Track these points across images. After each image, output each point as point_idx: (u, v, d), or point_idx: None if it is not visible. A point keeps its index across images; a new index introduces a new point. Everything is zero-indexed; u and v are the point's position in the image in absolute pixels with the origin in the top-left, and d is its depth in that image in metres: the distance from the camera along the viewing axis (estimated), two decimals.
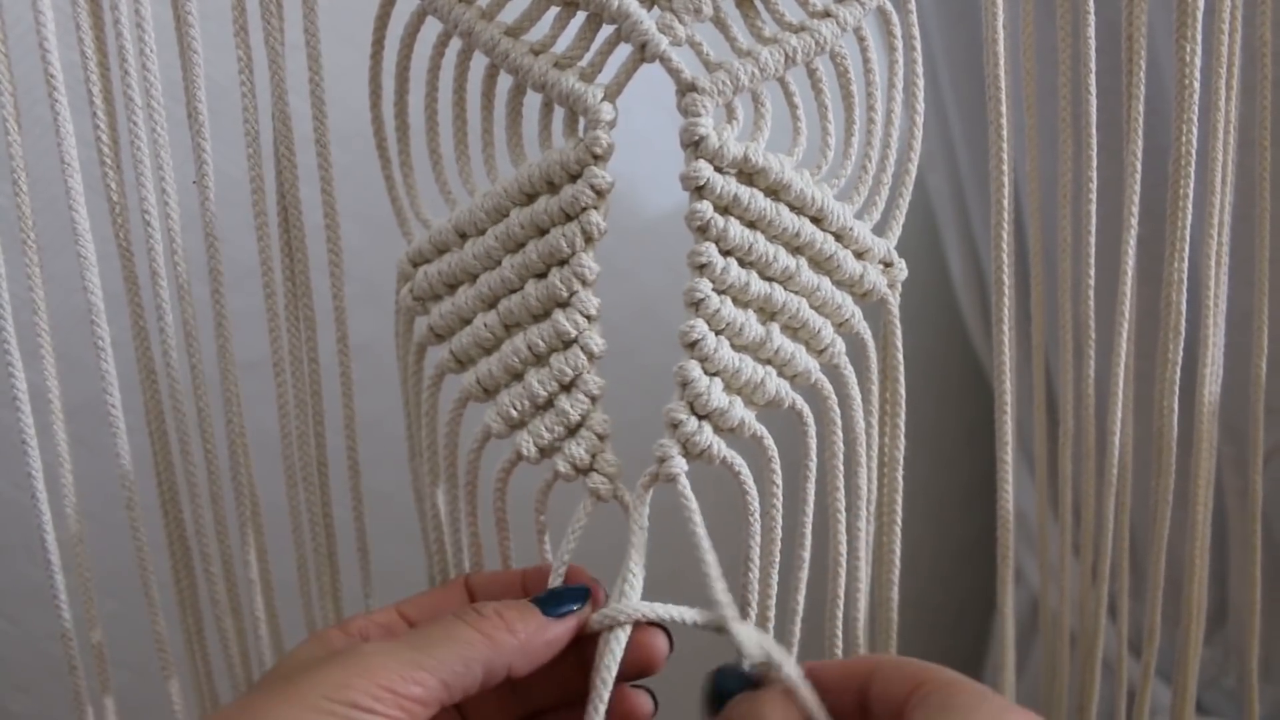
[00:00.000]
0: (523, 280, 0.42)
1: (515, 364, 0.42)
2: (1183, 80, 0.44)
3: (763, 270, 0.41)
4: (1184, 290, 0.47)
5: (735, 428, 0.41)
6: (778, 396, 0.42)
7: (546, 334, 0.41)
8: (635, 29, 0.39)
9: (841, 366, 0.43)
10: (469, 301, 0.43)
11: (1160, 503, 0.50)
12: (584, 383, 0.41)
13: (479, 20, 0.40)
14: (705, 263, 0.40)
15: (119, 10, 0.41)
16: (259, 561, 0.48)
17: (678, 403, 0.41)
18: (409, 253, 0.44)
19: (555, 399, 0.42)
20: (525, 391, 0.41)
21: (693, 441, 0.41)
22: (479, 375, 0.42)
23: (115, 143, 0.43)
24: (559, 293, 0.41)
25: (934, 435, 0.48)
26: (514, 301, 0.42)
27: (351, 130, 0.49)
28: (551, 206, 0.41)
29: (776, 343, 0.42)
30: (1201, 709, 0.76)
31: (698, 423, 0.41)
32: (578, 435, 0.41)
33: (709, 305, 0.41)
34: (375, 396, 0.58)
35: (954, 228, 0.90)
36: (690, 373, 0.41)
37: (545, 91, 0.40)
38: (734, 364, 0.41)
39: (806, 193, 0.41)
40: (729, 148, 0.40)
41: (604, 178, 0.40)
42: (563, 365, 0.41)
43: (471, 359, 0.43)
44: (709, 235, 0.40)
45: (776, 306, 0.42)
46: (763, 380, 0.42)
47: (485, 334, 0.42)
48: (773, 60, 0.40)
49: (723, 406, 0.41)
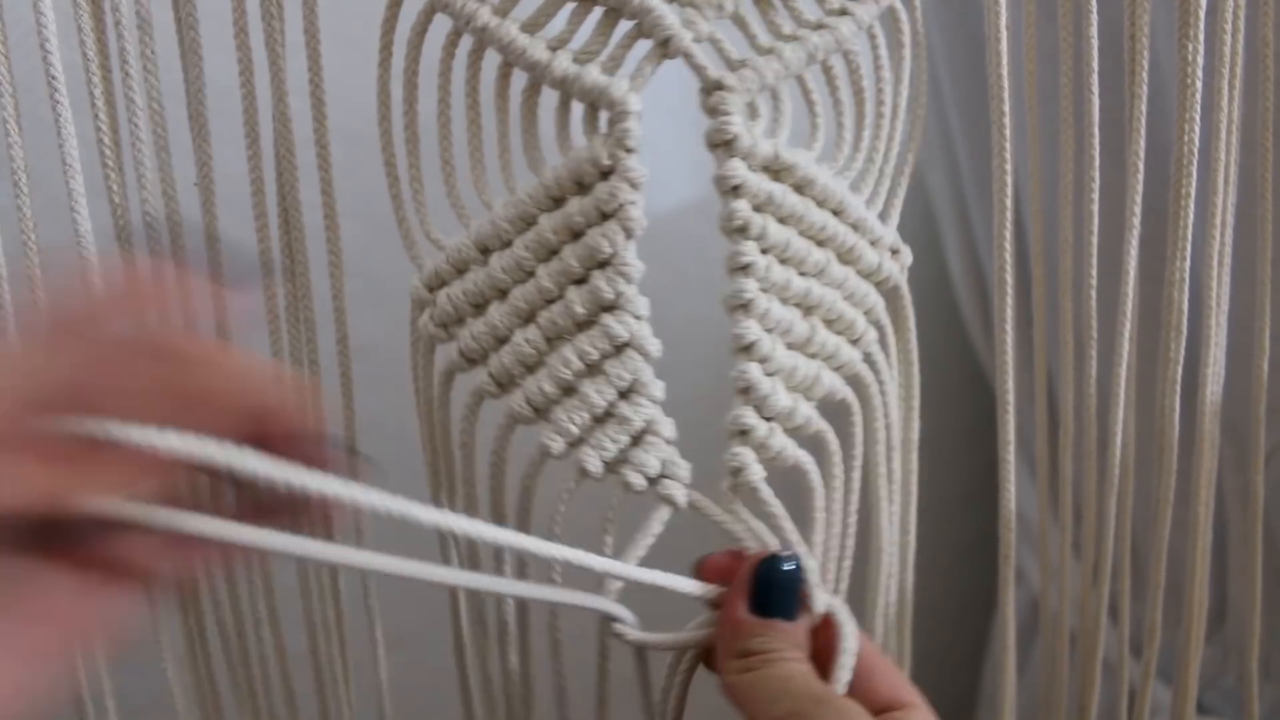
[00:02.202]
0: (561, 288, 0.40)
1: (566, 376, 0.40)
2: (1185, 80, 0.44)
3: (799, 267, 0.41)
4: (1186, 290, 0.47)
5: (801, 426, 0.41)
6: (833, 390, 0.42)
7: (597, 340, 0.39)
8: (658, 24, 0.38)
9: (874, 354, 0.44)
10: (503, 318, 0.40)
11: (1161, 503, 0.50)
12: (643, 386, 0.40)
13: (493, 15, 0.39)
14: (748, 263, 0.39)
15: (120, 11, 0.41)
16: (259, 561, 0.48)
17: (744, 409, 0.40)
18: (424, 277, 0.42)
19: (615, 407, 0.40)
20: (582, 403, 0.39)
21: (766, 446, 0.40)
22: (527, 395, 0.40)
23: (116, 144, 0.43)
24: (604, 295, 0.39)
25: (934, 435, 0.48)
26: (555, 311, 0.40)
27: (352, 130, 0.49)
28: (586, 206, 0.39)
29: (822, 337, 0.41)
30: (1201, 709, 0.76)
31: (768, 426, 0.40)
32: (644, 442, 0.40)
33: (758, 306, 0.40)
34: (375, 396, 0.58)
35: (954, 228, 0.89)
36: (753, 376, 0.40)
37: (564, 88, 0.39)
38: (790, 363, 0.40)
39: (829, 187, 0.41)
40: (760, 146, 0.39)
41: (639, 170, 0.38)
42: (620, 370, 0.39)
43: (514, 379, 0.41)
44: (749, 235, 0.39)
45: (815, 301, 0.41)
46: (819, 375, 0.41)
47: (528, 350, 0.40)
48: (796, 57, 0.40)
49: (789, 407, 0.40)
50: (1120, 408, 0.49)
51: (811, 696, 0.35)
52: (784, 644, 0.37)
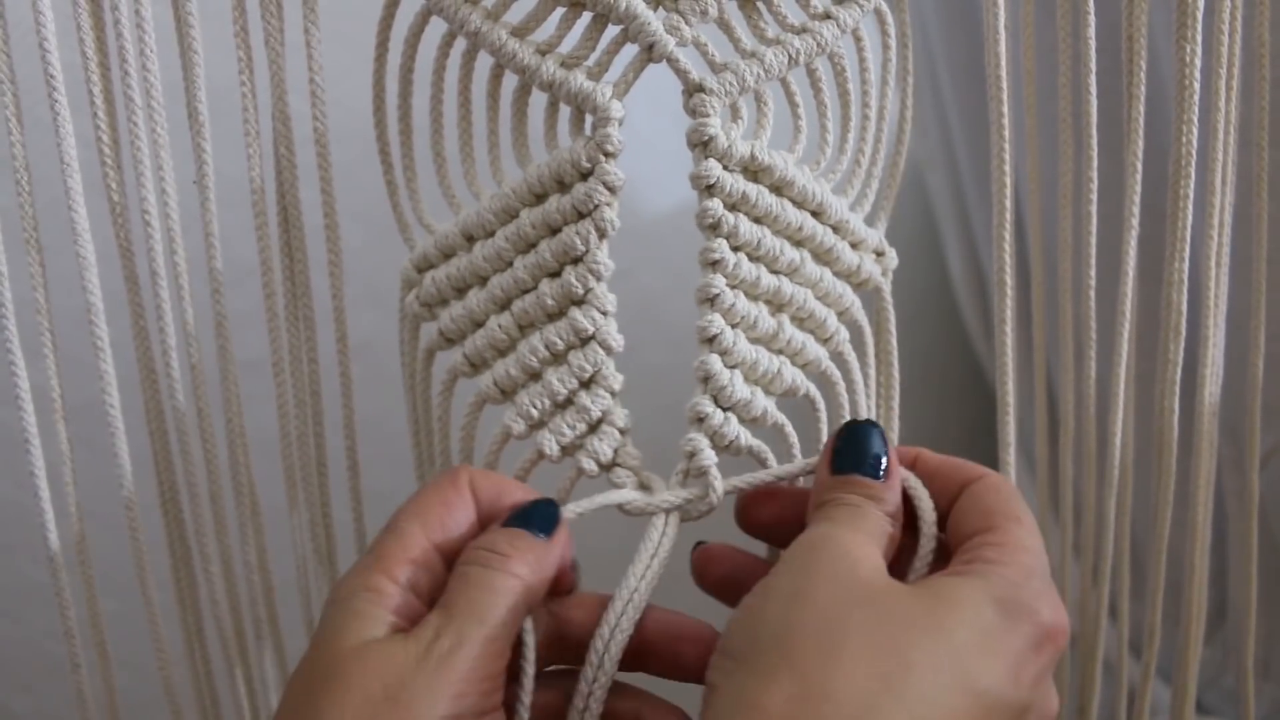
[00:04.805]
0: (536, 280, 0.42)
1: (533, 363, 0.42)
2: (1183, 81, 0.44)
3: (770, 264, 0.42)
4: (1185, 290, 0.47)
5: (758, 417, 0.42)
6: (794, 385, 0.43)
7: (564, 331, 0.41)
8: (643, 30, 0.39)
9: (845, 354, 0.45)
10: (481, 304, 0.43)
11: (1161, 503, 0.50)
12: (603, 378, 0.42)
13: (485, 20, 0.41)
14: (718, 259, 0.41)
15: (119, 11, 0.41)
16: (259, 561, 0.48)
17: (702, 397, 0.42)
18: (413, 258, 0.44)
19: (575, 396, 0.42)
20: (545, 390, 0.42)
21: (720, 433, 0.42)
22: (496, 377, 0.43)
23: (115, 143, 0.43)
24: (574, 290, 0.41)
25: (934, 435, 0.48)
26: (528, 301, 0.42)
27: (351, 130, 0.49)
28: (564, 205, 0.41)
29: (788, 333, 0.43)
30: (1201, 708, 0.76)
31: (723, 415, 0.42)
32: (599, 431, 0.42)
33: (724, 300, 0.41)
34: (375, 396, 0.59)
35: (954, 228, 0.90)
36: (712, 366, 0.41)
37: (552, 91, 0.41)
38: (751, 356, 0.42)
39: (808, 188, 0.42)
40: (737, 147, 0.41)
41: (616, 174, 0.40)
42: (582, 362, 0.41)
43: (486, 361, 0.43)
44: (720, 232, 0.41)
45: (785, 299, 0.43)
46: (779, 370, 0.43)
47: (500, 335, 0.42)
48: (777, 61, 0.41)
49: (746, 397, 0.42)
50: (1120, 408, 0.49)
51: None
52: (863, 498, 0.38)
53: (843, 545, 0.36)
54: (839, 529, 0.37)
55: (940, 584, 0.35)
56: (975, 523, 0.37)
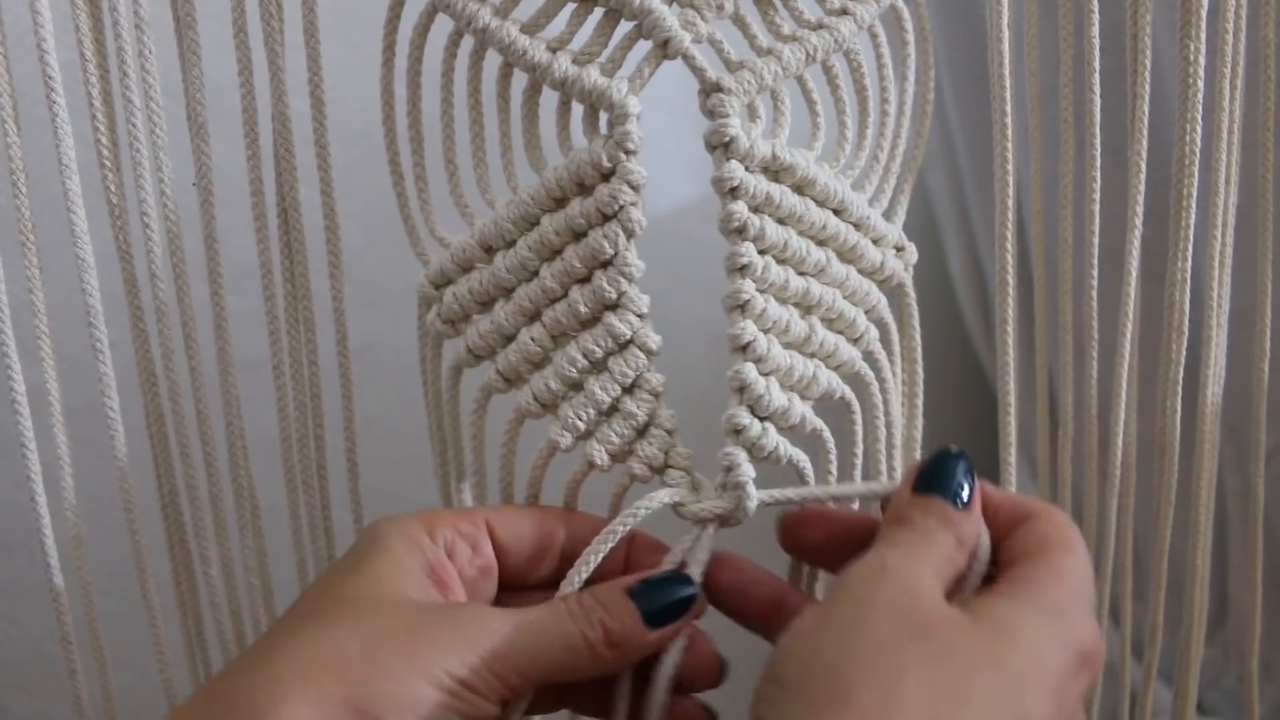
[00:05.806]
0: (565, 287, 0.41)
1: (572, 374, 0.41)
2: (1186, 80, 0.44)
3: (798, 266, 0.41)
4: (1187, 290, 0.47)
5: (796, 425, 0.41)
6: (830, 389, 0.42)
7: (601, 338, 0.40)
8: (658, 26, 0.38)
9: (876, 353, 0.44)
10: (509, 317, 0.41)
11: (1163, 503, 0.50)
12: (645, 381, 0.41)
13: (493, 16, 0.39)
14: (746, 263, 0.40)
15: (118, 11, 0.41)
16: (259, 563, 0.48)
17: (738, 408, 0.40)
18: (430, 275, 0.43)
19: (620, 402, 0.41)
20: (589, 399, 0.41)
21: (759, 445, 0.41)
22: (535, 391, 0.41)
23: (114, 144, 0.43)
24: (607, 294, 0.40)
25: (934, 435, 0.48)
26: (559, 310, 0.41)
27: (352, 130, 0.49)
28: (587, 208, 0.40)
29: (820, 336, 0.42)
30: (1202, 709, 0.76)
31: (761, 425, 0.41)
32: (648, 435, 0.41)
33: (755, 306, 0.40)
34: (375, 397, 0.58)
35: (954, 228, 0.89)
36: (747, 375, 0.40)
37: (564, 89, 0.40)
38: (786, 362, 0.41)
39: (830, 187, 0.42)
40: (759, 147, 0.40)
41: (639, 172, 0.39)
42: (623, 367, 0.40)
43: (521, 376, 0.42)
44: (746, 236, 0.40)
45: (814, 300, 0.42)
46: (815, 374, 0.42)
47: (533, 347, 0.41)
48: (794, 58, 0.40)
49: (783, 405, 0.41)
50: (1121, 408, 0.49)
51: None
52: (939, 523, 0.37)
53: (903, 577, 0.35)
54: (902, 558, 0.36)
55: (994, 609, 0.35)
56: (1029, 548, 0.37)
